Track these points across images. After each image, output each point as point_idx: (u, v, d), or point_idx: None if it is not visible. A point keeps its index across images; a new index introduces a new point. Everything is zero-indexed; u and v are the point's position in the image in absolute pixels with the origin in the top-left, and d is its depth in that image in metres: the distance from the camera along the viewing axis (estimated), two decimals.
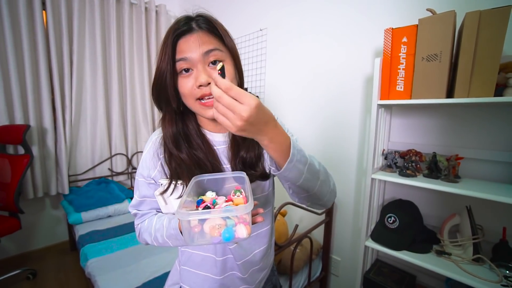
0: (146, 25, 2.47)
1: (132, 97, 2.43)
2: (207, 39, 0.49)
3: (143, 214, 0.61)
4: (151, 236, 0.56)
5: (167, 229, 0.52)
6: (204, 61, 0.49)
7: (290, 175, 0.44)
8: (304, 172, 0.45)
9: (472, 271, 0.84)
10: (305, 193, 0.50)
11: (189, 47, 0.48)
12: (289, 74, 1.70)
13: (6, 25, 1.74)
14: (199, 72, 0.48)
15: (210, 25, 0.50)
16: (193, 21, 0.50)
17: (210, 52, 0.48)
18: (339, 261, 1.55)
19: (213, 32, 0.50)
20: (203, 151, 0.55)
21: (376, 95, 1.05)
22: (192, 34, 0.49)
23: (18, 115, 1.84)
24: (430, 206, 1.15)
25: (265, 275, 0.70)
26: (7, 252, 2.01)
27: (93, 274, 1.35)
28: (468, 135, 1.04)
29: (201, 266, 0.61)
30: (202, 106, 0.50)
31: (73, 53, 2.06)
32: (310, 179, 0.47)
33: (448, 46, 0.86)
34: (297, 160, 0.43)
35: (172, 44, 0.49)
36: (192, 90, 0.49)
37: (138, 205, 0.61)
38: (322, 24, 1.50)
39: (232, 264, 0.61)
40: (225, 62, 0.50)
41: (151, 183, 0.58)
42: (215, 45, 0.49)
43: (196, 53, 0.48)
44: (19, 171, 1.67)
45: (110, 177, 2.37)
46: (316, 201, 0.52)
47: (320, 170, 0.50)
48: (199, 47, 0.48)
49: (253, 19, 1.90)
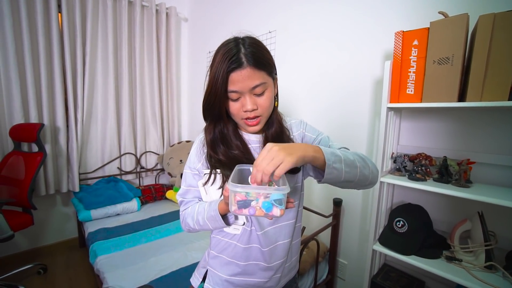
0: (157, 27, 2.51)
1: (141, 98, 2.48)
2: (254, 75, 0.58)
3: (188, 201, 0.71)
4: (193, 220, 0.66)
5: (208, 211, 0.63)
6: (250, 92, 0.59)
7: (333, 176, 0.52)
8: (343, 168, 0.53)
9: (484, 279, 0.82)
10: (350, 184, 0.57)
11: (238, 82, 0.57)
12: (297, 76, 1.70)
13: (24, 27, 1.80)
14: (246, 101, 0.59)
15: (256, 60, 0.57)
16: (242, 52, 0.57)
17: (256, 87, 0.59)
18: (346, 264, 1.53)
19: (259, 67, 0.58)
20: (240, 149, 0.66)
21: (386, 98, 1.05)
22: (242, 70, 0.57)
23: (33, 114, 1.90)
24: (439, 211, 1.13)
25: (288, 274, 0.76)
26: (20, 247, 2.07)
27: (102, 271, 1.38)
28: (480, 140, 1.02)
29: (227, 251, 0.69)
30: (246, 124, 0.63)
31: (86, 54, 2.11)
32: (349, 171, 0.54)
33: (460, 49, 0.85)
34: (333, 161, 0.52)
35: (225, 78, 0.57)
36: (239, 112, 0.61)
37: (184, 194, 0.72)
38: (331, 26, 1.50)
39: (257, 253, 0.67)
40: (266, 90, 0.60)
41: (196, 174, 0.69)
42: (260, 80, 0.59)
43: (245, 88, 0.58)
44: (33, 169, 1.72)
45: (119, 176, 2.42)
46: (362, 184, 0.60)
47: (356, 159, 0.57)
48: (247, 82, 0.57)
49: (262, 21, 1.92)
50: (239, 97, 0.60)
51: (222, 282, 0.70)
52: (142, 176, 2.63)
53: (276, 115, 0.68)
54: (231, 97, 0.60)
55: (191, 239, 1.72)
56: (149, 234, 1.79)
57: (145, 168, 2.59)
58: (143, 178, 2.66)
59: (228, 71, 0.57)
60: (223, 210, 0.61)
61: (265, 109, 0.61)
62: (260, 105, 0.60)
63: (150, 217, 2.07)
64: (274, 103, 0.65)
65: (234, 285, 0.69)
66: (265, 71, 0.60)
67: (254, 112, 0.60)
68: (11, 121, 1.86)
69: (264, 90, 0.60)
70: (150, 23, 2.45)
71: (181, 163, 2.44)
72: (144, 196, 2.34)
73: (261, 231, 0.66)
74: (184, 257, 1.51)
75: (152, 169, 2.63)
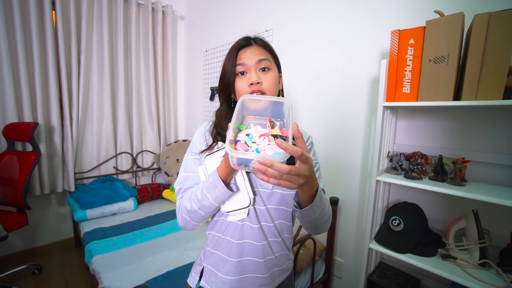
0: (153, 25, 2.49)
1: (138, 96, 2.46)
2: (260, 52, 0.65)
3: (186, 188, 0.68)
4: (190, 201, 0.62)
5: (206, 180, 0.60)
6: (256, 67, 0.63)
7: (307, 213, 0.58)
8: (316, 214, 0.59)
9: (478, 276, 0.83)
10: (309, 224, 0.63)
11: (246, 56, 0.64)
12: (294, 75, 1.70)
13: (17, 24, 1.78)
14: (251, 74, 0.62)
15: (263, 43, 0.67)
16: (251, 39, 0.67)
17: (261, 61, 0.63)
18: (342, 263, 1.54)
19: (265, 48, 0.66)
20: None
21: (382, 97, 1.05)
22: (249, 47, 0.65)
23: (27, 113, 1.87)
24: (435, 209, 1.14)
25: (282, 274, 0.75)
26: (14, 247, 2.05)
27: (98, 271, 1.37)
28: (475, 138, 1.03)
29: (220, 247, 0.69)
30: None
31: (81, 53, 2.09)
32: (318, 218, 0.60)
33: (456, 48, 0.85)
34: (316, 205, 0.56)
35: (235, 54, 0.64)
36: (245, 88, 0.63)
37: (183, 181, 0.69)
38: (327, 25, 1.50)
39: (249, 249, 0.67)
40: (271, 70, 0.65)
41: (197, 158, 0.69)
42: (265, 56, 0.64)
43: (251, 60, 0.63)
44: (27, 168, 1.70)
45: (115, 175, 2.40)
46: (314, 231, 0.67)
47: (327, 212, 0.63)
48: (253, 56, 0.63)
49: (259, 20, 1.91)
50: (245, 71, 0.63)
51: (218, 279, 0.69)
52: (139, 176, 2.62)
53: None
54: (238, 70, 0.64)
55: (188, 238, 1.72)
56: (145, 234, 1.78)
57: (142, 168, 2.57)
58: (140, 177, 2.64)
59: (238, 48, 0.64)
60: (224, 173, 0.57)
61: (269, 87, 0.63)
62: (264, 81, 0.63)
63: (147, 216, 2.06)
64: (278, 89, 0.68)
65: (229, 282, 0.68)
66: (271, 55, 0.66)
67: (258, 86, 0.62)
68: (5, 120, 1.84)
69: (269, 69, 0.64)
70: (146, 21, 2.43)
71: (177, 162, 2.43)
72: (140, 195, 2.32)
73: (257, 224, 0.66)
74: (181, 256, 1.50)
75: (148, 168, 2.62)
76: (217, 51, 2.32)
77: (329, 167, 1.55)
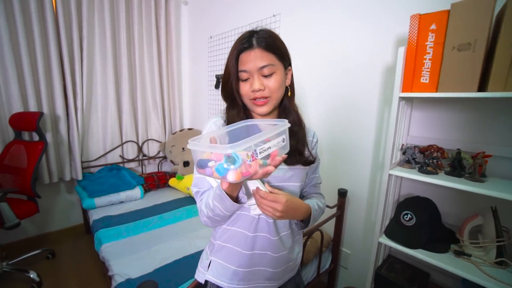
0: (156, 11, 2.40)
1: (142, 84, 2.42)
2: (263, 56, 0.61)
3: (203, 191, 0.68)
4: (206, 206, 0.63)
5: (214, 192, 0.60)
6: (258, 73, 0.62)
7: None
8: (309, 225, 0.71)
9: (494, 275, 0.81)
10: None
11: (248, 61, 0.61)
12: (302, 61, 1.63)
13: (16, 12, 1.72)
14: (254, 81, 0.62)
15: (267, 43, 0.62)
16: (254, 37, 0.62)
17: (263, 68, 0.61)
18: (349, 254, 1.54)
19: (268, 49, 0.62)
20: None
21: (398, 87, 0.99)
22: (252, 50, 0.61)
23: (32, 102, 1.86)
24: (449, 205, 1.10)
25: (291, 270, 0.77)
26: (27, 233, 2.11)
27: (107, 259, 1.40)
28: (498, 132, 0.97)
29: (233, 240, 0.69)
30: (254, 104, 0.65)
31: (83, 40, 2.04)
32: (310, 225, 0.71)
33: (484, 34, 0.78)
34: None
35: (237, 57, 0.63)
36: (248, 92, 0.63)
37: (199, 183, 0.69)
38: (339, 9, 1.41)
39: (263, 243, 0.67)
40: (275, 73, 0.62)
41: None
42: (268, 62, 0.61)
43: (253, 67, 0.61)
44: (35, 157, 1.71)
45: (121, 164, 2.41)
46: None
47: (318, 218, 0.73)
48: (255, 62, 0.61)
49: (266, 4, 1.81)
50: (248, 77, 0.63)
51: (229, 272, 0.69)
52: (145, 164, 2.63)
53: (293, 105, 0.71)
54: (241, 77, 0.63)
55: (195, 227, 1.73)
56: (152, 222, 1.79)
57: (147, 156, 2.58)
58: (146, 166, 2.65)
59: (239, 51, 0.62)
60: (228, 187, 0.56)
61: (272, 91, 0.62)
62: (267, 86, 0.62)
63: (154, 204, 2.08)
64: (284, 88, 0.67)
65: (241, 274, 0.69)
66: (275, 55, 0.62)
67: (261, 92, 0.62)
68: (10, 109, 1.83)
69: (272, 73, 0.62)
70: (148, 6, 2.33)
71: (183, 151, 2.42)
72: (147, 184, 2.34)
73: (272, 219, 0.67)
74: (187, 245, 1.52)
75: (154, 157, 2.62)
76: (222, 37, 2.23)
77: (338, 158, 1.51)
